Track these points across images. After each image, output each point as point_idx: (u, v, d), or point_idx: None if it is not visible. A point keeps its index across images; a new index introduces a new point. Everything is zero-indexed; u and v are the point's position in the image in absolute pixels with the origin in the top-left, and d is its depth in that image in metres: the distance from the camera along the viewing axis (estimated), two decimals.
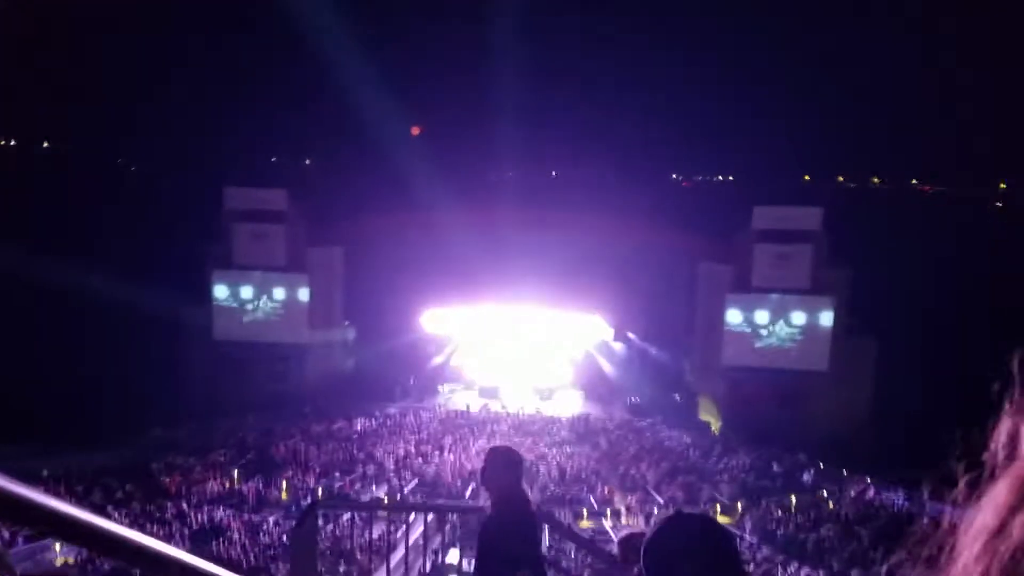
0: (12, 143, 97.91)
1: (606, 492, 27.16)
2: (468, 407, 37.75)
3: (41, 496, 1.14)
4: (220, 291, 40.85)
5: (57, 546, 19.41)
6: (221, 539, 21.27)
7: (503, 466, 4.53)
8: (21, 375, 34.65)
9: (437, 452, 29.52)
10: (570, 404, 39.27)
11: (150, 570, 1.53)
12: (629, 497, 26.80)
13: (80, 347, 38.21)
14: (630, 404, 38.91)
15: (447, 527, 13.11)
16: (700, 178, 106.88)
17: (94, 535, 1.29)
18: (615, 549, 4.85)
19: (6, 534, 19.18)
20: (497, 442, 31.32)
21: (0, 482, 1.12)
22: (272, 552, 20.12)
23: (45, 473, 25.09)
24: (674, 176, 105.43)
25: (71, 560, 19.06)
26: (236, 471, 27.57)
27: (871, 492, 26.35)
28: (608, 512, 25.56)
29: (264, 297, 40.95)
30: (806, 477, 28.97)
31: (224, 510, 24.47)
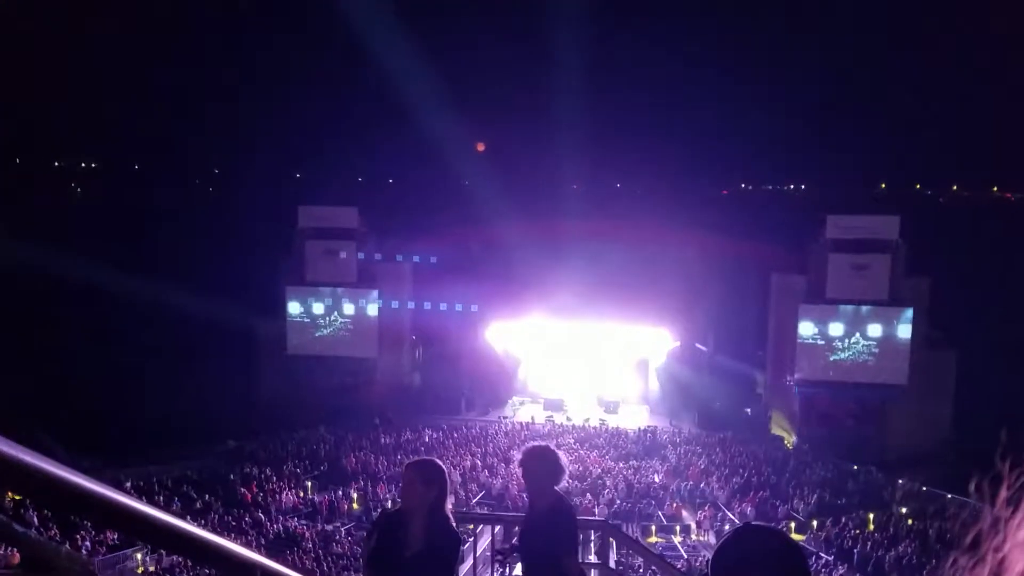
0: (93, 165, 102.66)
1: (674, 507, 26.75)
2: (533, 419, 37.78)
3: (133, 500, 1.24)
4: (293, 307, 42.04)
5: (138, 555, 20.15)
6: (296, 548, 21.77)
7: (424, 483, 3.85)
8: (100, 387, 36.23)
9: (503, 465, 29.58)
10: (636, 417, 38.89)
11: (233, 573, 1.62)
12: (699, 513, 26.35)
13: (158, 360, 39.75)
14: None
15: (514, 540, 13.11)
16: (771, 187, 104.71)
17: (182, 540, 1.38)
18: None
19: (88, 544, 20.06)
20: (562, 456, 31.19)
21: (97, 488, 1.22)
22: (344, 562, 20.48)
23: (128, 484, 26.10)
24: (743, 185, 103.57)
25: (151, 568, 19.79)
26: (309, 482, 28.21)
27: (952, 509, 25.28)
28: (677, 528, 25.18)
29: (335, 312, 41.96)
30: (884, 494, 28.00)
31: (298, 520, 25.07)
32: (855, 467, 30.48)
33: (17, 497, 20.93)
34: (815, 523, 25.40)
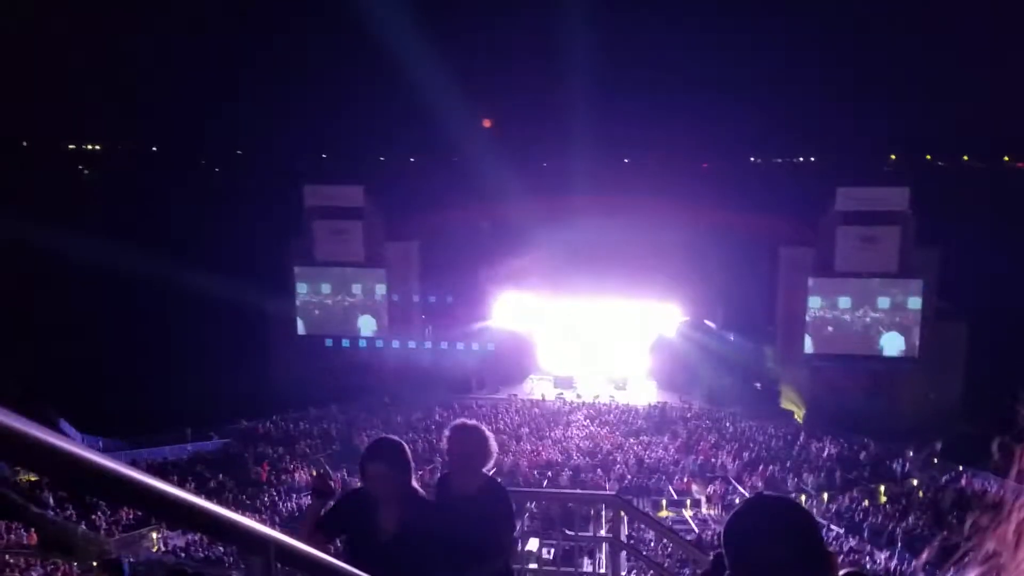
0: (99, 147, 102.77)
1: (685, 482, 26.87)
2: (543, 397, 37.88)
3: (149, 478, 1.24)
4: (302, 287, 42.19)
5: (154, 535, 20.42)
6: None
7: (396, 467, 3.55)
8: (111, 369, 36.54)
9: (513, 442, 29.73)
10: (645, 393, 38.95)
11: (248, 549, 1.63)
12: (709, 487, 26.47)
13: (170, 341, 40.04)
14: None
15: (525, 516, 13.20)
16: (780, 160, 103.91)
17: (198, 516, 1.39)
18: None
19: (104, 523, 20.33)
20: (573, 432, 31.33)
21: (113, 466, 1.22)
22: None
23: (145, 465, 26.38)
24: (752, 159, 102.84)
25: (167, 548, 20.06)
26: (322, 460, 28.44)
27: (963, 480, 25.32)
28: (688, 502, 25.32)
29: (344, 292, 42.10)
30: (895, 466, 28.05)
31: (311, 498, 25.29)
32: (865, 440, 30.51)
33: (33, 478, 21.19)
34: (826, 496, 25.49)
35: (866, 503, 24.20)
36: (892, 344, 37.01)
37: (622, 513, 7.54)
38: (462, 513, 3.68)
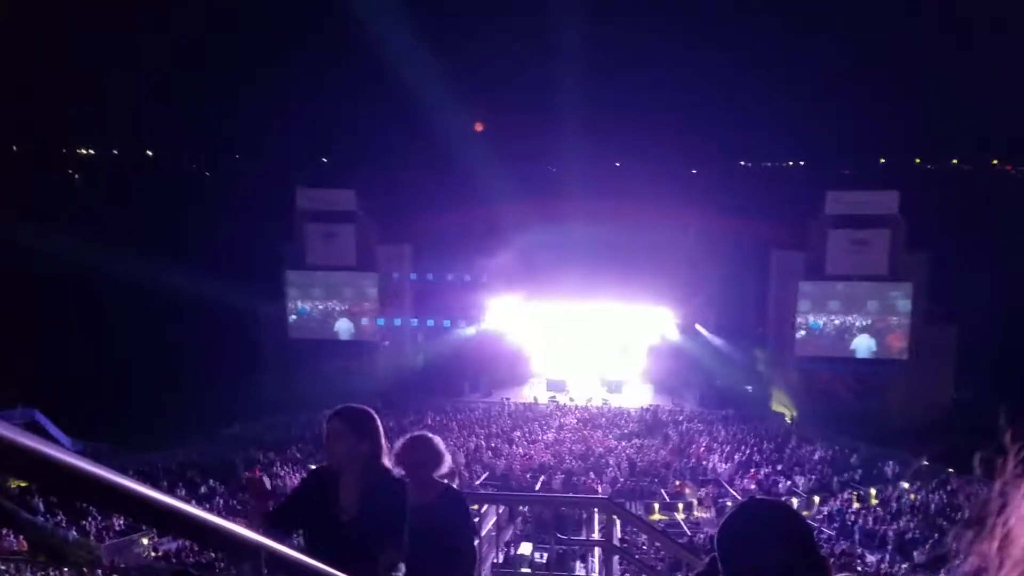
0: (91, 151, 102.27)
1: (677, 485, 26.89)
2: (536, 400, 37.87)
3: (139, 484, 1.24)
4: (294, 291, 42.10)
5: (144, 540, 20.30)
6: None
7: (355, 433, 3.30)
8: (102, 373, 36.35)
9: (506, 445, 29.70)
10: (638, 396, 39.00)
11: (237, 555, 1.63)
12: (701, 490, 26.50)
13: (160, 346, 39.84)
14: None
15: (518, 519, 13.20)
16: (770, 164, 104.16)
17: (188, 523, 1.38)
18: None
19: (95, 529, 20.20)
20: (565, 436, 31.32)
21: (103, 473, 1.22)
22: None
23: (131, 472, 26.21)
24: (742, 163, 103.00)
25: (158, 553, 19.94)
26: (313, 466, 28.32)
27: (953, 483, 25.43)
28: (680, 505, 25.34)
29: (336, 295, 42.04)
30: (886, 469, 28.16)
31: None
32: (856, 443, 30.63)
33: (22, 484, 21.06)
34: (817, 499, 25.56)
35: (857, 506, 24.28)
36: (863, 347, 37.24)
37: (614, 516, 7.55)
38: (419, 524, 3.53)
